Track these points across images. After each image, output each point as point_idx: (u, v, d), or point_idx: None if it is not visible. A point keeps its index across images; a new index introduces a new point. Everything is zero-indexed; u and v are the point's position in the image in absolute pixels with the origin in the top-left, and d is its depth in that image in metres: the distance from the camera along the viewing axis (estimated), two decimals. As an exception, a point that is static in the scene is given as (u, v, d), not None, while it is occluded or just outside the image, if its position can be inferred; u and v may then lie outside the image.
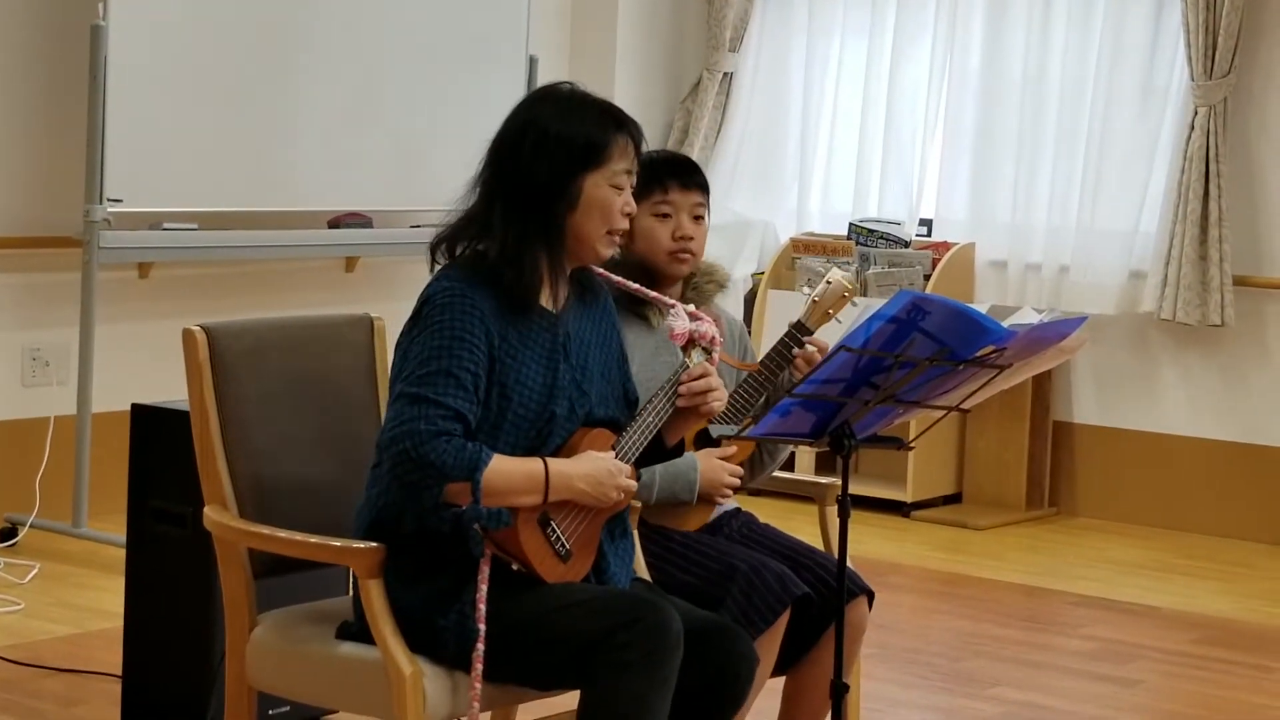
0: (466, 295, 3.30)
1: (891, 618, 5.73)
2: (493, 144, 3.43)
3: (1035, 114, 7.67)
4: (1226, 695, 5.25)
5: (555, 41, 8.11)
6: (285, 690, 3.57)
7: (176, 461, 4.03)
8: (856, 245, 7.74)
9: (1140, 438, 7.56)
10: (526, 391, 3.32)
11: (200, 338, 3.53)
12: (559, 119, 3.37)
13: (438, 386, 3.23)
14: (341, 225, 7.01)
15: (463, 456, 3.19)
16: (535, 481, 3.26)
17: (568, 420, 3.36)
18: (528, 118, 3.40)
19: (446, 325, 3.27)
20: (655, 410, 3.43)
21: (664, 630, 3.17)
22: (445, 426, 3.21)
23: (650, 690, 3.16)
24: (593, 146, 3.36)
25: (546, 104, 3.42)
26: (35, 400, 6.54)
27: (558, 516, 3.32)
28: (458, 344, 3.26)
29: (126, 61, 6.14)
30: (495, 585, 3.26)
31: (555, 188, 3.34)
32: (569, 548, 3.33)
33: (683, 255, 3.89)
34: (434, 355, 3.25)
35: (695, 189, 3.93)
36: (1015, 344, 3.34)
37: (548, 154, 3.35)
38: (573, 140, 3.35)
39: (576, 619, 3.22)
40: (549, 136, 3.35)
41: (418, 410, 3.22)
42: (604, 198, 3.38)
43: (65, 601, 5.63)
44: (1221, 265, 7.18)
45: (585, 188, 3.36)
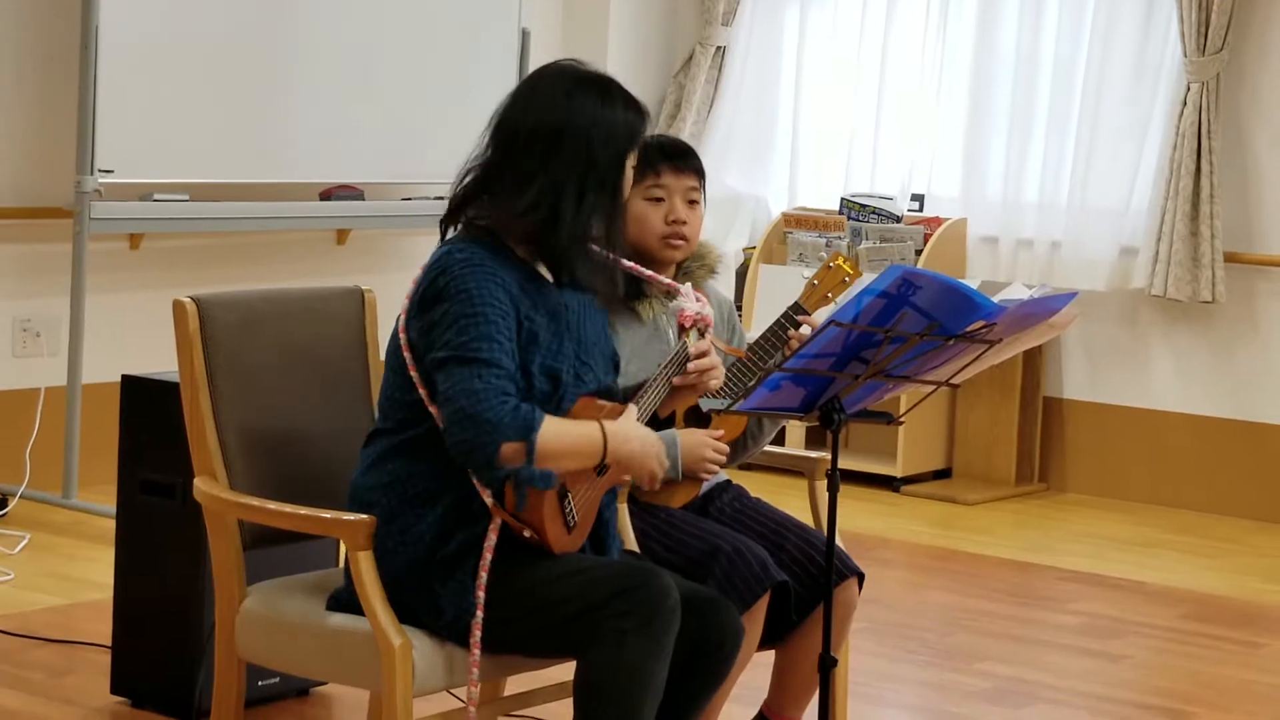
0: (486, 263, 3.30)
1: (880, 593, 5.74)
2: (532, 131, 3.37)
3: (1028, 90, 7.66)
4: (1214, 670, 5.26)
5: (548, 14, 8.10)
6: (274, 662, 3.58)
7: (167, 433, 4.03)
8: (848, 220, 7.74)
9: (1130, 413, 7.57)
10: (545, 355, 3.33)
11: (191, 309, 3.53)
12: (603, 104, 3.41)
13: (484, 349, 3.22)
14: (333, 197, 7.00)
15: (519, 416, 3.18)
16: (593, 443, 3.27)
17: (573, 385, 3.37)
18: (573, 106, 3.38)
19: (475, 292, 3.26)
20: (656, 388, 3.46)
21: (663, 598, 3.19)
22: (501, 385, 3.20)
23: (648, 658, 3.17)
24: (635, 131, 3.44)
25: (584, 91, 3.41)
26: (25, 371, 6.54)
27: (574, 488, 3.33)
28: (490, 309, 3.26)
29: (118, 32, 6.13)
30: (494, 555, 3.27)
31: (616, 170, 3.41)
32: (576, 519, 3.35)
33: (675, 241, 3.88)
34: (472, 320, 3.24)
35: (689, 172, 3.91)
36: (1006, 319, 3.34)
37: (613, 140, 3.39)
38: (627, 125, 3.43)
39: (575, 587, 3.23)
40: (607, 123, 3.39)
41: (472, 371, 3.20)
42: (630, 179, 3.47)
43: (55, 572, 5.63)
44: (1213, 241, 7.18)
45: (625, 169, 3.43)
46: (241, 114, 6.60)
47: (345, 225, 7.26)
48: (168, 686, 4.30)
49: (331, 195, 7.00)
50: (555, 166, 3.36)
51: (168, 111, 6.36)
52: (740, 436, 4.00)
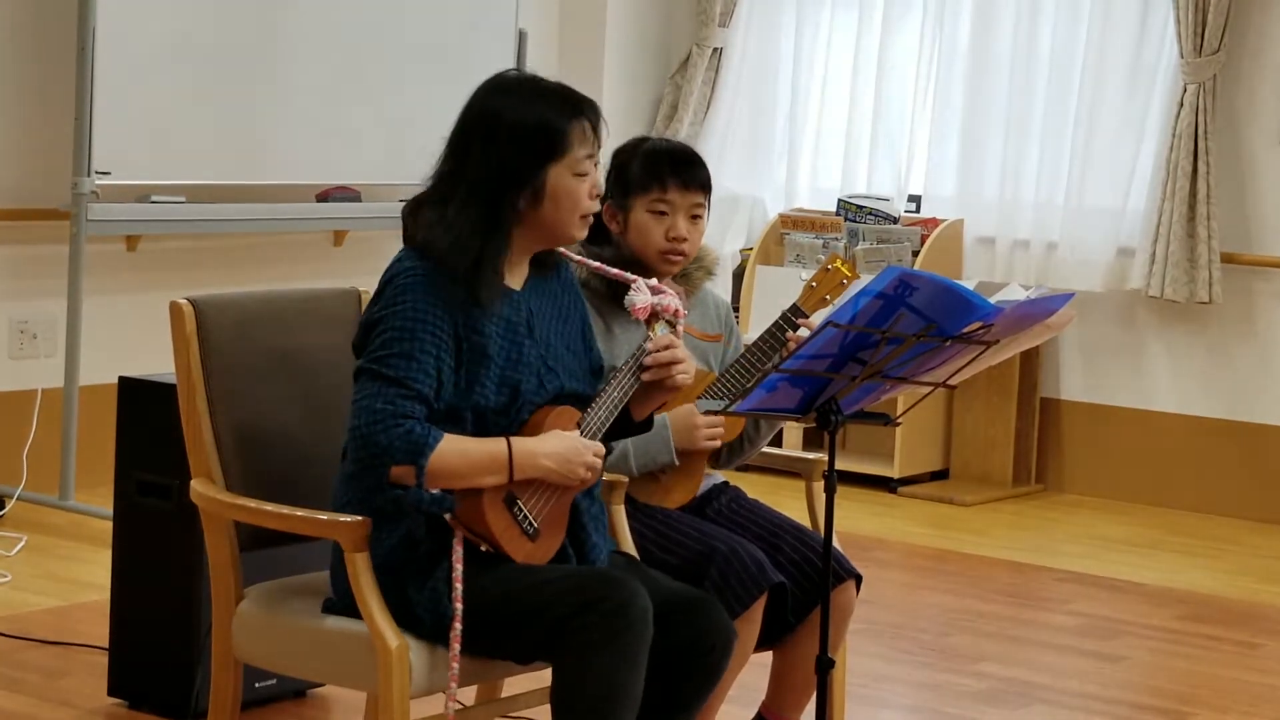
0: (430, 276, 3.29)
1: (878, 594, 5.74)
2: (450, 137, 3.40)
3: (1024, 91, 7.66)
4: (1211, 671, 5.26)
5: (544, 15, 8.10)
6: (271, 663, 3.58)
7: (163, 434, 4.03)
8: (845, 221, 7.74)
9: (1127, 414, 7.57)
10: (494, 369, 3.31)
11: (187, 310, 3.53)
12: (514, 110, 3.34)
13: (398, 367, 3.23)
14: (330, 199, 7.00)
15: (410, 440, 3.19)
16: (498, 460, 3.25)
17: (535, 395, 3.35)
18: (482, 109, 3.37)
19: (410, 306, 3.26)
20: (620, 385, 3.40)
21: (627, 609, 3.16)
22: (404, 407, 3.20)
23: (618, 668, 3.15)
24: (552, 137, 3.33)
25: (499, 95, 3.39)
26: (22, 373, 6.54)
27: (524, 495, 3.30)
28: (420, 326, 3.25)
29: (115, 33, 6.12)
30: (466, 563, 3.26)
31: (516, 181, 3.32)
32: (536, 526, 3.32)
33: (673, 256, 3.87)
34: (397, 336, 3.25)
35: (696, 188, 3.89)
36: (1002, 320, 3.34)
37: (505, 148, 3.32)
38: (531, 132, 3.32)
39: (542, 599, 3.21)
40: (505, 130, 3.32)
41: (377, 388, 3.22)
42: (569, 187, 3.36)
43: (52, 574, 5.63)
44: (1209, 242, 7.19)
45: (549, 180, 3.34)
46: (238, 116, 6.59)
47: (342, 227, 7.26)
48: (165, 688, 4.30)
49: (328, 197, 7.00)
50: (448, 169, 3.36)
51: (165, 113, 6.36)
52: (737, 438, 4.00)
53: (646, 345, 3.41)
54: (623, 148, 3.97)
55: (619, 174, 3.91)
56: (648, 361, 3.40)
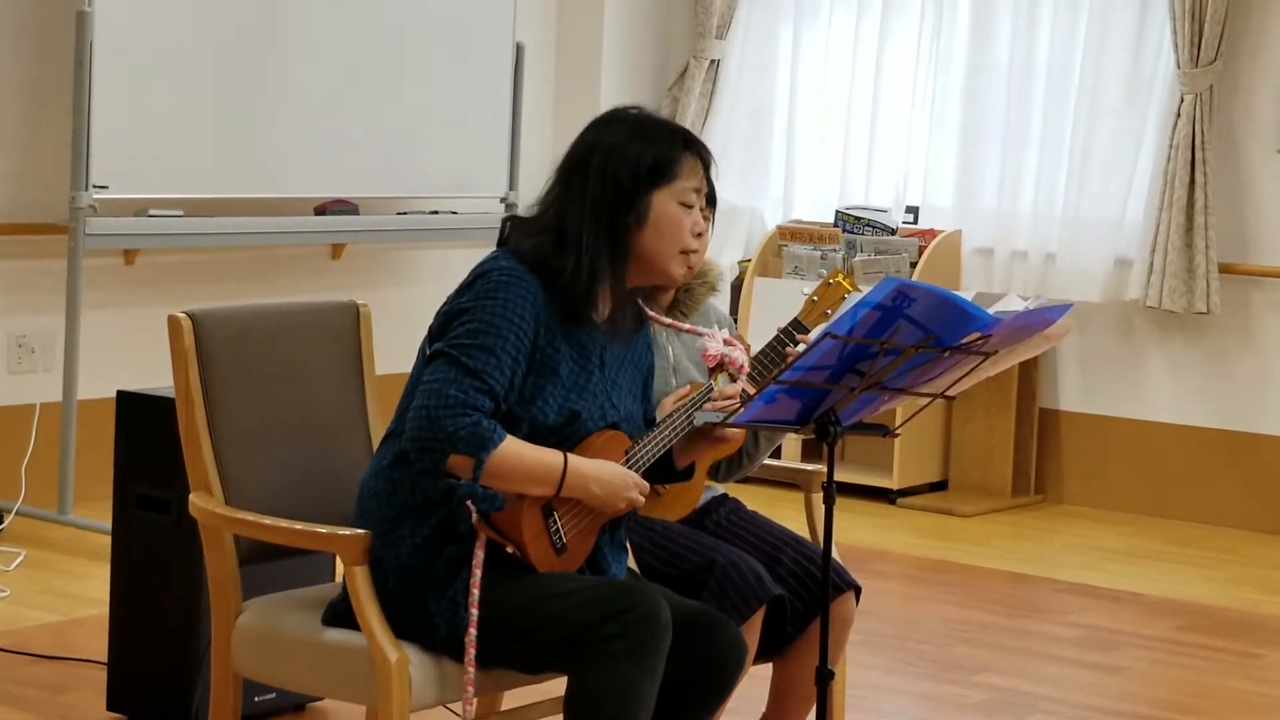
0: (524, 279, 3.32)
1: (877, 605, 5.74)
2: (561, 164, 3.45)
3: (1022, 101, 7.67)
4: (1211, 681, 5.26)
5: (542, 28, 8.10)
6: (270, 677, 3.57)
7: (162, 448, 4.03)
8: (843, 232, 7.74)
9: (1126, 425, 7.57)
10: (559, 387, 3.34)
11: (186, 324, 3.53)
12: (628, 137, 3.41)
13: (478, 358, 3.25)
14: (328, 212, 7.00)
15: (476, 432, 3.21)
16: (552, 473, 3.29)
17: (595, 424, 3.39)
18: (595, 138, 3.43)
19: (500, 302, 3.29)
20: (673, 425, 3.48)
21: (653, 619, 3.19)
22: (475, 399, 3.23)
23: (638, 679, 3.17)
24: (661, 162, 3.40)
25: (614, 125, 3.46)
26: (21, 387, 6.54)
27: (561, 509, 3.34)
28: (506, 324, 3.28)
29: (112, 47, 6.13)
30: (487, 571, 3.27)
31: (625, 202, 3.37)
32: (565, 540, 3.35)
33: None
34: (481, 329, 3.27)
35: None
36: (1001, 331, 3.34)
37: (616, 169, 3.38)
38: (642, 156, 3.39)
39: (567, 606, 3.23)
40: (617, 153, 3.39)
41: (453, 374, 3.24)
42: (673, 215, 3.41)
43: (51, 589, 5.63)
44: (1207, 252, 7.19)
45: (654, 204, 3.40)
46: (236, 129, 6.60)
47: (340, 240, 7.26)
48: (164, 703, 4.30)
49: (326, 210, 7.00)
50: (559, 193, 3.40)
51: (162, 127, 6.36)
52: (736, 453, 4.01)
53: (708, 395, 3.49)
54: None
55: None
56: (712, 408, 3.48)
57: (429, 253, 7.62)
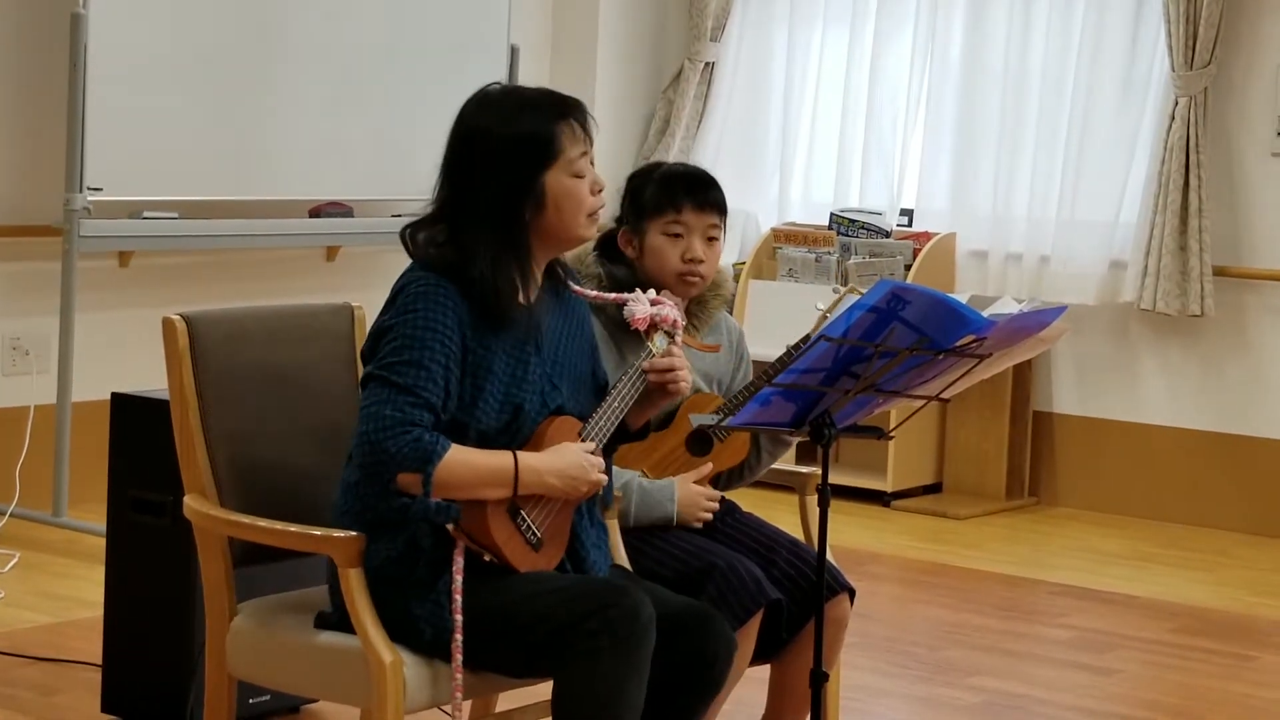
0: (442, 286, 3.30)
1: (871, 607, 5.74)
2: (444, 160, 3.41)
3: (1016, 104, 7.67)
4: (1205, 684, 5.26)
5: (536, 31, 8.11)
6: (265, 679, 3.57)
7: (156, 450, 4.02)
8: (838, 235, 7.75)
9: (1120, 428, 7.57)
10: (497, 384, 3.32)
11: (180, 326, 3.53)
12: (501, 123, 3.36)
13: (408, 375, 3.24)
14: (322, 214, 7.00)
15: (418, 448, 3.20)
16: (504, 474, 3.27)
17: (538, 414, 3.37)
18: (470, 128, 3.39)
19: (421, 315, 3.28)
20: (620, 395, 3.44)
21: (633, 617, 3.18)
22: (412, 415, 3.21)
23: (623, 676, 3.17)
24: (542, 142, 3.35)
25: (485, 110, 3.40)
26: (15, 389, 6.53)
27: (527, 506, 3.32)
28: (430, 335, 3.26)
29: (107, 50, 6.12)
30: (469, 574, 3.27)
31: (518, 193, 3.34)
32: (540, 536, 3.34)
33: (691, 278, 3.88)
34: (407, 344, 3.26)
35: (710, 209, 3.90)
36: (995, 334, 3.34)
37: (499, 162, 3.34)
38: (520, 141, 3.34)
39: (548, 606, 3.22)
40: (495, 143, 3.34)
41: (387, 394, 3.23)
42: (568, 188, 3.37)
43: (45, 591, 5.62)
44: (1201, 255, 7.19)
45: (548, 185, 3.35)
46: (231, 131, 6.59)
47: (334, 242, 7.26)
48: (158, 705, 4.29)
49: (320, 212, 7.00)
50: (446, 193, 3.38)
51: (157, 129, 6.36)
52: (737, 466, 4.01)
53: (646, 358, 3.44)
54: (637, 173, 3.98)
55: (633, 198, 3.92)
56: (646, 365, 3.44)
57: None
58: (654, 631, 3.21)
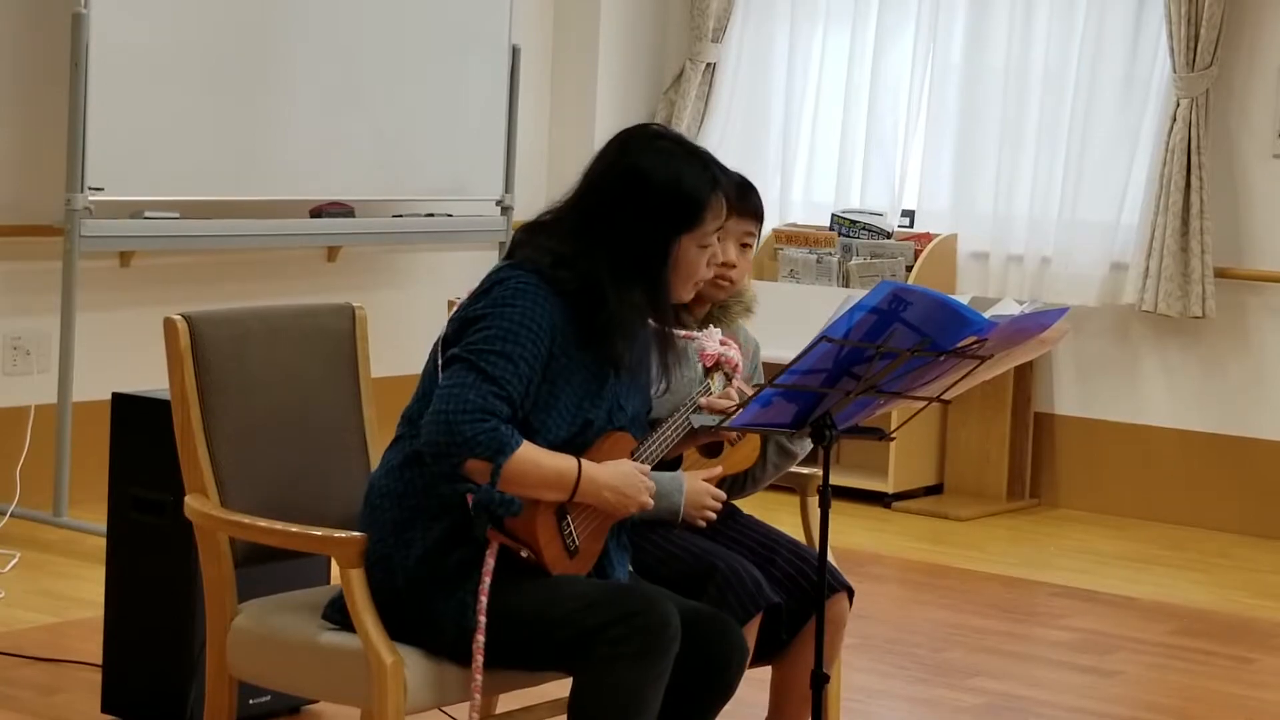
0: (541, 290, 3.31)
1: (872, 608, 5.74)
2: (589, 178, 3.42)
3: (1017, 105, 7.67)
4: (1206, 685, 5.26)
5: (538, 31, 8.10)
6: (266, 679, 3.57)
7: (157, 450, 4.02)
8: (839, 236, 7.75)
9: (1121, 429, 7.57)
10: (573, 394, 3.35)
11: (181, 326, 3.53)
12: (662, 171, 3.38)
13: (496, 365, 3.25)
14: (323, 214, 7.00)
15: (495, 437, 3.21)
16: (566, 479, 3.29)
17: (602, 430, 3.40)
18: (631, 165, 3.40)
19: (518, 310, 3.29)
20: (676, 425, 3.50)
21: (662, 626, 3.20)
22: (493, 404, 3.22)
23: (644, 683, 3.18)
24: (692, 208, 3.39)
25: (647, 151, 3.41)
26: (15, 389, 6.53)
27: (574, 512, 3.35)
28: (524, 331, 3.28)
29: (108, 49, 6.12)
30: (497, 573, 3.28)
31: (656, 252, 3.38)
32: (578, 544, 3.36)
33: (721, 283, 3.88)
34: (500, 335, 3.27)
35: (749, 216, 3.91)
36: (996, 335, 3.34)
37: (651, 211, 3.36)
38: (674, 201, 3.37)
39: (576, 608, 3.24)
40: (653, 191, 3.37)
41: (472, 379, 3.23)
42: (692, 259, 3.44)
43: (45, 590, 5.62)
44: (1203, 257, 7.19)
45: (680, 249, 3.41)
46: (232, 131, 6.59)
47: (336, 242, 7.26)
48: (159, 705, 4.29)
49: (322, 212, 7.00)
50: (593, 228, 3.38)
51: (158, 129, 6.36)
52: (741, 476, 4.01)
53: (703, 394, 3.52)
54: None
55: None
56: (704, 404, 3.51)
57: (424, 255, 7.62)
58: (678, 640, 3.23)
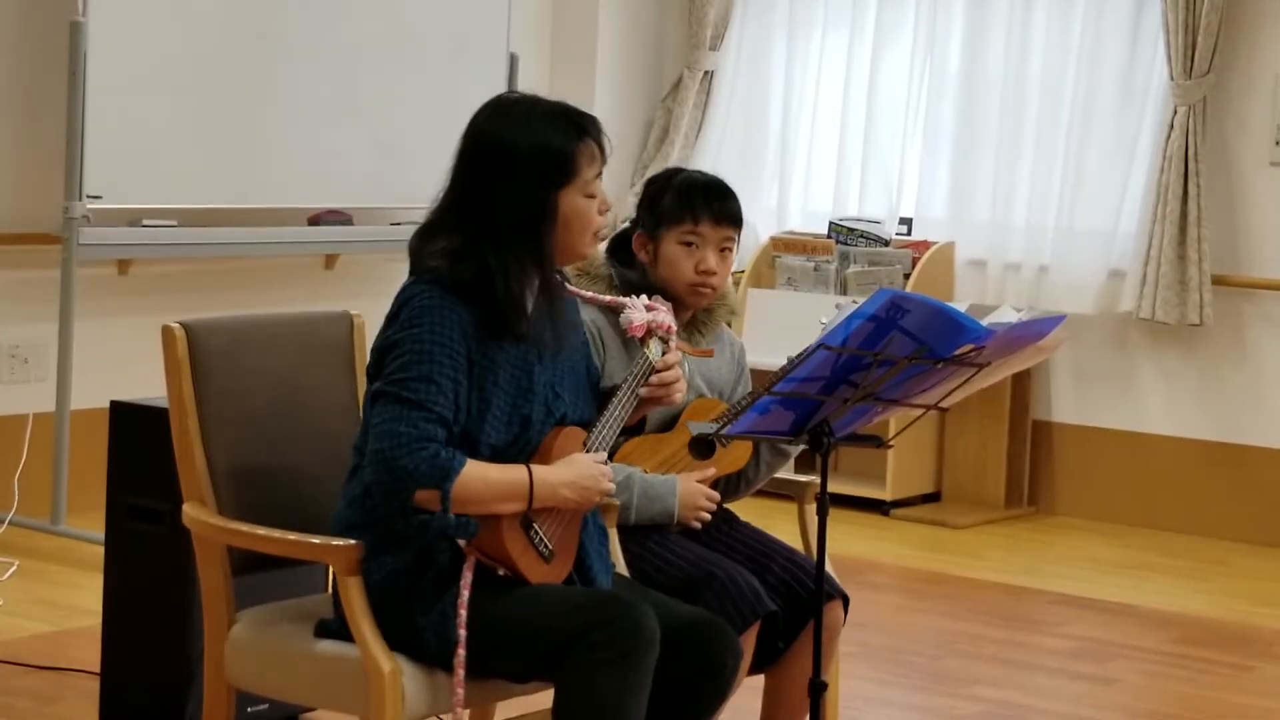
0: (445, 300, 3.29)
1: (871, 616, 5.74)
2: (456, 166, 3.39)
3: (1015, 113, 7.68)
4: (1204, 694, 5.26)
5: (536, 39, 8.11)
6: (264, 688, 3.57)
7: (155, 458, 4.02)
8: (836, 244, 7.75)
9: (1119, 436, 7.57)
10: (504, 396, 3.32)
11: (179, 334, 3.53)
12: (522, 136, 3.33)
13: (419, 390, 3.22)
14: (321, 222, 7.00)
15: (436, 464, 3.19)
16: (519, 489, 3.27)
17: (543, 424, 3.37)
18: (489, 137, 3.36)
19: (426, 329, 3.26)
20: (621, 403, 3.45)
21: (636, 630, 3.18)
22: (426, 430, 3.20)
23: (623, 689, 3.16)
24: (562, 161, 3.33)
25: (504, 120, 3.38)
26: (13, 397, 6.53)
27: (539, 518, 3.33)
28: (437, 349, 3.25)
29: (106, 58, 6.13)
30: (476, 584, 3.27)
31: (536, 213, 3.32)
32: (551, 548, 3.34)
33: (703, 289, 3.89)
34: (415, 359, 3.24)
35: (727, 222, 3.91)
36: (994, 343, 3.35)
37: (519, 177, 3.32)
38: (541, 158, 3.32)
39: (552, 617, 3.22)
40: (516, 157, 3.32)
41: (399, 412, 3.22)
42: (580, 209, 3.37)
43: (43, 599, 5.62)
44: (1200, 265, 7.20)
45: (561, 204, 3.35)
46: (230, 139, 6.60)
47: (334, 250, 7.27)
48: (157, 713, 4.29)
49: (320, 220, 7.00)
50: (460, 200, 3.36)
51: (156, 137, 6.36)
52: (736, 475, 4.01)
53: (645, 366, 3.45)
54: (656, 178, 3.99)
55: (651, 204, 3.92)
56: (654, 380, 3.45)
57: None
58: (657, 645, 3.20)
